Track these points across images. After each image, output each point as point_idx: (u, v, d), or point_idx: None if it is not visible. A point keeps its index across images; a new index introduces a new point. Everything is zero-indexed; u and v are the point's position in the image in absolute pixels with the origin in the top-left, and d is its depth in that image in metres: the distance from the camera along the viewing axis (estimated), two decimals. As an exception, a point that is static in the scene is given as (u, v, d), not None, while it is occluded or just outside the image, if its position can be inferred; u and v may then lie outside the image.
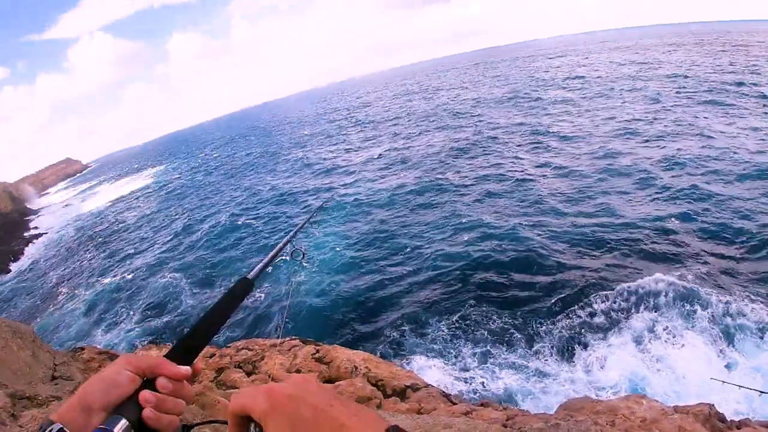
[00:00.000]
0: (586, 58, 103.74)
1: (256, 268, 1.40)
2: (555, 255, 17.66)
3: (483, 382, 12.39)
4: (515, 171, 28.13)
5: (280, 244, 1.89)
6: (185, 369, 0.98)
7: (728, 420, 5.75)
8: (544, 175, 26.39)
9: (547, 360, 12.83)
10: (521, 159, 30.47)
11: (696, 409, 5.80)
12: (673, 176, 22.87)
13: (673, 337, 12.50)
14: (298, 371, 8.01)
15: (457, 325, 14.79)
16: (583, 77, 65.91)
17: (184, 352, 1.02)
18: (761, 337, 11.85)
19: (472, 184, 27.36)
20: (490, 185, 26.57)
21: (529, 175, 26.92)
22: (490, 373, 12.66)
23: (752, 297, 13.24)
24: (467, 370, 12.95)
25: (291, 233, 2.13)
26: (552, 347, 13.20)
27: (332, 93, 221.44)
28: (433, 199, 26.40)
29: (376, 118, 70.29)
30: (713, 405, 6.03)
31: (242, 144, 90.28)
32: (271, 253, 1.69)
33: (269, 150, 66.67)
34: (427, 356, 13.69)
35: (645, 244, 17.20)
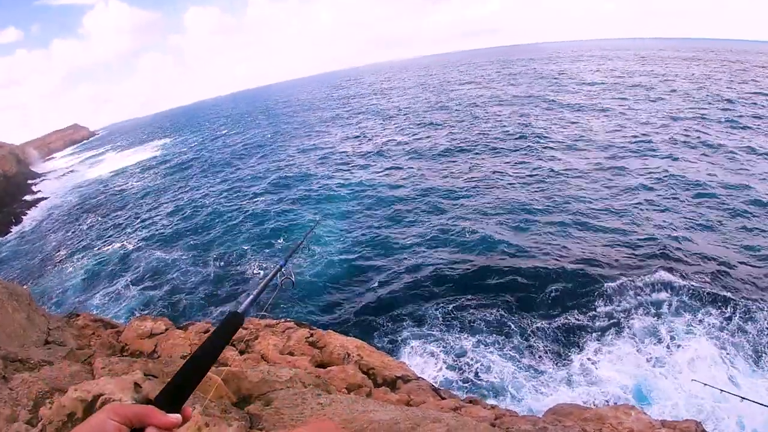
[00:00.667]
0: (602, 64, 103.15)
1: (246, 302, 1.39)
2: (556, 256, 17.73)
3: (477, 372, 12.55)
4: (523, 172, 28.13)
5: (269, 275, 1.91)
6: (175, 417, 0.93)
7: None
8: (551, 178, 26.34)
9: (541, 357, 12.97)
10: (528, 161, 30.42)
11: (683, 426, 5.81)
12: (680, 188, 22.88)
13: (676, 345, 12.61)
14: (290, 353, 8.02)
15: (453, 315, 14.95)
16: (598, 83, 65.64)
17: (172, 397, 0.98)
18: (758, 356, 11.95)
19: (478, 183, 27.31)
20: (496, 184, 26.55)
21: (536, 177, 26.90)
22: (485, 363, 12.81)
23: (752, 312, 13.36)
24: (463, 356, 13.12)
25: (280, 263, 2.12)
26: (549, 345, 13.36)
27: (341, 79, 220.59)
28: (436, 194, 26.37)
29: (387, 106, 70.07)
30: (700, 423, 6.03)
31: (252, 123, 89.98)
32: (261, 285, 1.68)
33: (279, 130, 66.61)
34: (422, 343, 13.83)
35: (649, 252, 17.28)
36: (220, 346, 1.16)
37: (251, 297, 1.45)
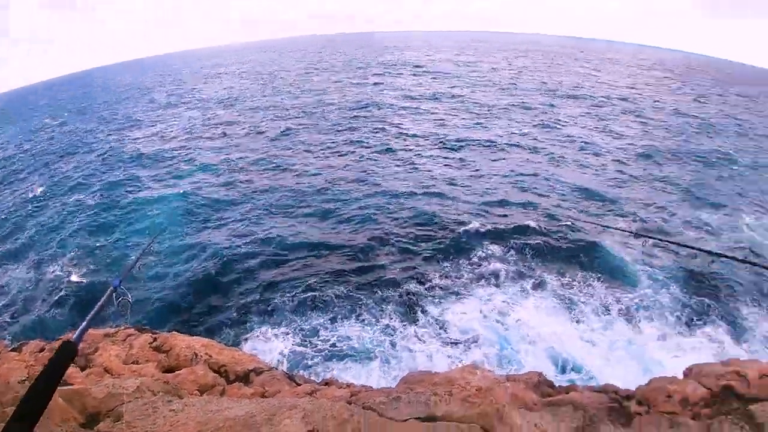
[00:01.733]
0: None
1: (79, 329, 1.35)
2: (395, 228, 18.80)
3: (333, 343, 13.08)
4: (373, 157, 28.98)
5: (103, 299, 1.82)
6: None
7: (557, 386, 6.43)
8: (394, 164, 27.44)
9: (394, 320, 13.94)
10: (366, 139, 31.32)
11: (525, 377, 6.46)
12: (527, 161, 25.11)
13: (513, 303, 14.29)
14: (135, 362, 7.58)
15: (302, 298, 15.27)
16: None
17: None
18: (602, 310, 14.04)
19: (344, 168, 27.60)
20: (347, 166, 27.06)
21: (390, 162, 27.85)
22: (342, 333, 13.48)
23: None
24: (317, 332, 13.62)
25: (114, 284, 2.04)
26: (399, 310, 14.35)
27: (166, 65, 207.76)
28: (273, 178, 26.41)
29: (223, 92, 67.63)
30: (542, 373, 6.75)
31: (76, 114, 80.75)
32: (94, 310, 1.61)
33: (105, 118, 60.92)
34: (276, 330, 13.98)
35: (484, 224, 18.99)
36: (56, 379, 1.10)
37: (84, 324, 1.39)
